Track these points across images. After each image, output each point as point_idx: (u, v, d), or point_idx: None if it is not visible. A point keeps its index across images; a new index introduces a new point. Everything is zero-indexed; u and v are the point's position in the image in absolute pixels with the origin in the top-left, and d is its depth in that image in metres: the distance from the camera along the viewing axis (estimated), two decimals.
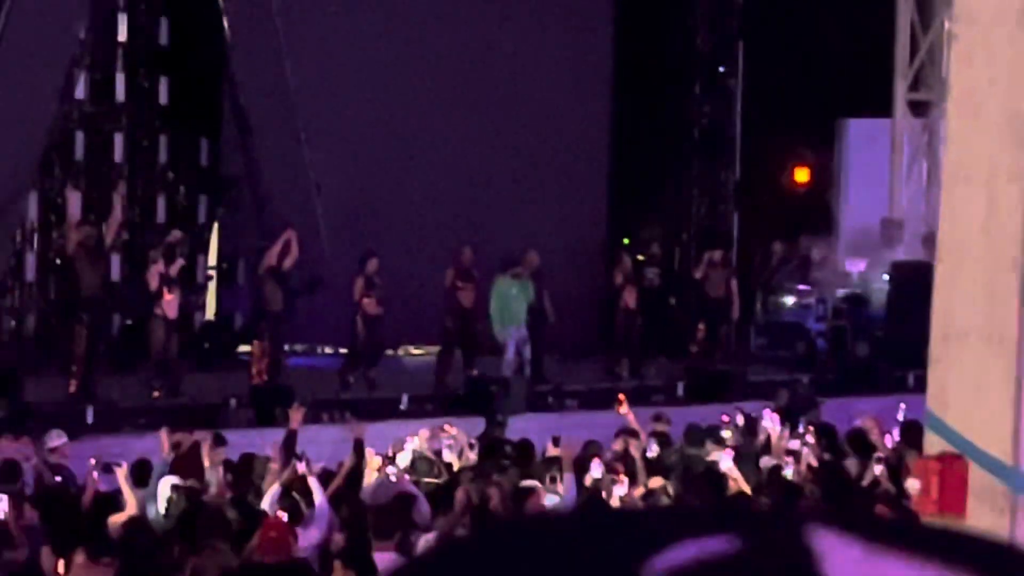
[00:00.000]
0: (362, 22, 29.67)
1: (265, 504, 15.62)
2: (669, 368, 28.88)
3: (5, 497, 14.84)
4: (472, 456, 18.99)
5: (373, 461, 17.94)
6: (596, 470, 17.58)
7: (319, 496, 15.76)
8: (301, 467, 16.35)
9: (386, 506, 15.56)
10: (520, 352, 27.29)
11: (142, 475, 16.55)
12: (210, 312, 30.31)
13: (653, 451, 19.05)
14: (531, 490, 16.01)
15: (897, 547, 1.62)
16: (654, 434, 19.90)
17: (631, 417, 20.48)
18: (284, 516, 14.47)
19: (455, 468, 18.43)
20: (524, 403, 25.06)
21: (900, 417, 21.17)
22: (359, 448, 18.42)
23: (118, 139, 29.23)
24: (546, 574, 1.63)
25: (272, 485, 16.21)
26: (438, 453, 18.95)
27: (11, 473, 16.57)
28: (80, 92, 28.64)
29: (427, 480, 17.59)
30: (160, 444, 17.87)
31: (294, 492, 15.86)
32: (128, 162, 29.34)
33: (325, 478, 16.97)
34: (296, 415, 18.95)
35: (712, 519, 1.68)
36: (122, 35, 29.19)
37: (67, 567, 12.58)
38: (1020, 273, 6.89)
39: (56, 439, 18.35)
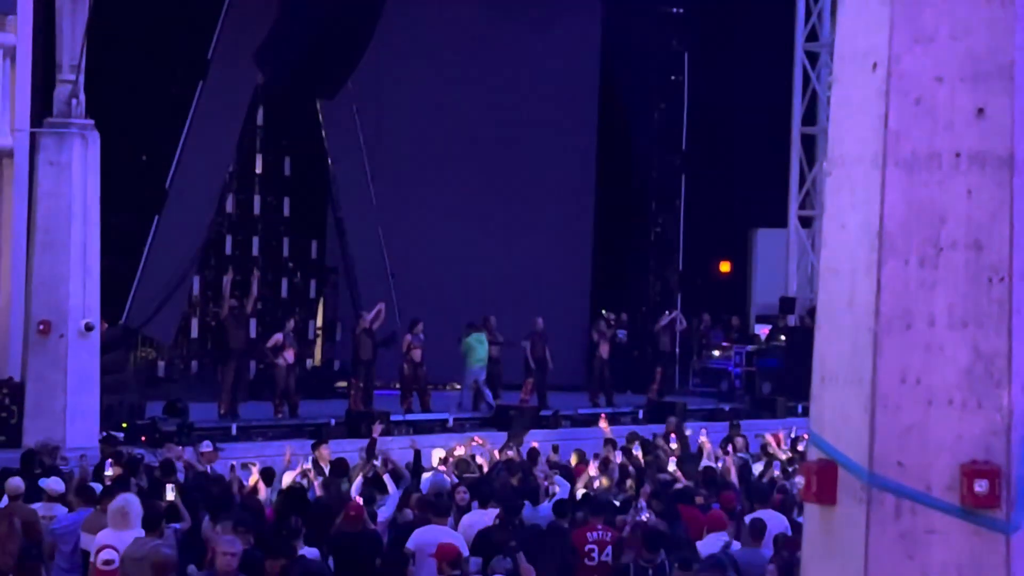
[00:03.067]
0: (420, 159, 29.79)
1: (353, 491, 15.47)
2: (633, 399, 28.79)
3: (172, 485, 14.76)
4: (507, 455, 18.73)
5: (435, 456, 17.83)
6: (592, 469, 17.41)
7: (391, 487, 15.64)
8: (379, 465, 16.22)
9: (440, 494, 15.40)
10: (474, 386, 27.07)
11: (268, 475, 16.45)
12: (317, 359, 30.29)
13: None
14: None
15: None
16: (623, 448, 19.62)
17: (608, 430, 20.35)
18: (361, 500, 14.30)
19: (485, 469, 18.32)
20: (531, 423, 24.94)
21: (792, 435, 21.10)
22: (417, 456, 18.35)
23: (255, 240, 29.28)
24: None
25: (356, 478, 16.07)
26: (473, 457, 18.88)
27: (169, 467, 16.57)
28: (229, 207, 28.72)
29: (466, 476, 17.49)
30: (283, 453, 17.85)
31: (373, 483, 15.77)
32: (262, 255, 29.38)
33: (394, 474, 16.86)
34: (376, 429, 18.90)
35: None
36: (258, 168, 29.29)
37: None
38: (873, 337, 6.89)
39: (205, 447, 18.29)
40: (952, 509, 6.67)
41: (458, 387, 29.72)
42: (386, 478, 15.78)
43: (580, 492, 16.34)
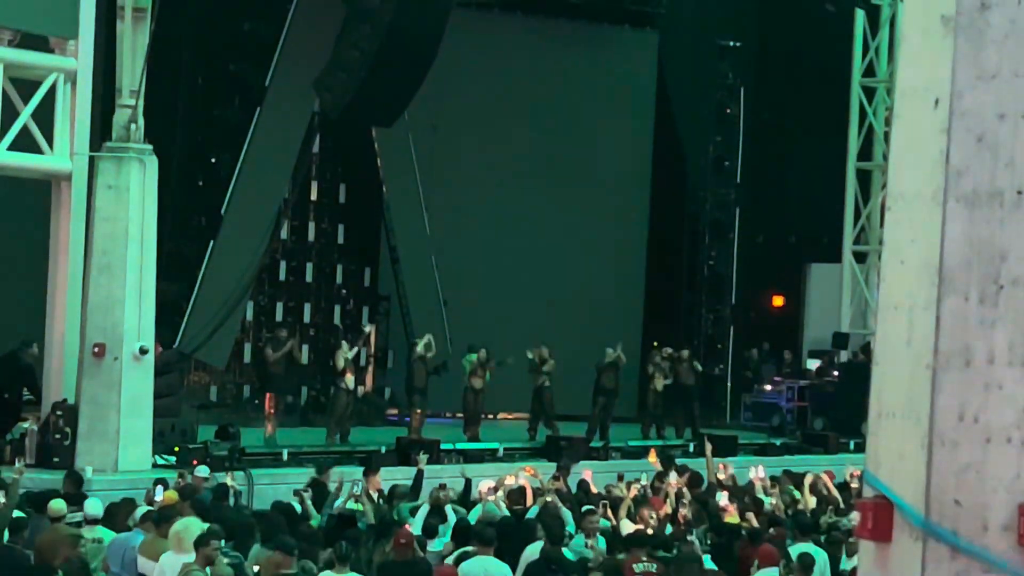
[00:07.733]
0: (474, 188, 29.88)
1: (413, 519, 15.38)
2: (684, 432, 28.65)
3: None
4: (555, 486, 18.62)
5: (483, 486, 17.77)
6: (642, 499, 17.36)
7: (451, 516, 15.62)
8: (443, 495, 16.20)
9: (487, 524, 15.34)
10: None
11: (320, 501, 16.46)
12: (369, 386, 30.33)
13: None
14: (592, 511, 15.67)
15: None
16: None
17: (657, 464, 20.30)
18: (410, 528, 14.23)
19: (533, 499, 18.21)
20: (582, 455, 24.84)
21: (846, 473, 20.92)
22: (468, 484, 18.33)
23: (309, 266, 29.42)
24: None
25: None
26: (522, 487, 18.77)
27: (223, 492, 16.68)
28: (284, 233, 28.87)
29: (515, 507, 17.39)
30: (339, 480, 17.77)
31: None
32: (315, 282, 29.49)
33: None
34: (421, 461, 18.91)
35: None
36: (313, 195, 29.44)
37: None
38: (932, 374, 6.85)
39: (201, 473, 18.07)
40: (1009, 549, 6.61)
41: (509, 417, 29.74)
42: (448, 508, 15.77)
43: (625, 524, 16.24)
